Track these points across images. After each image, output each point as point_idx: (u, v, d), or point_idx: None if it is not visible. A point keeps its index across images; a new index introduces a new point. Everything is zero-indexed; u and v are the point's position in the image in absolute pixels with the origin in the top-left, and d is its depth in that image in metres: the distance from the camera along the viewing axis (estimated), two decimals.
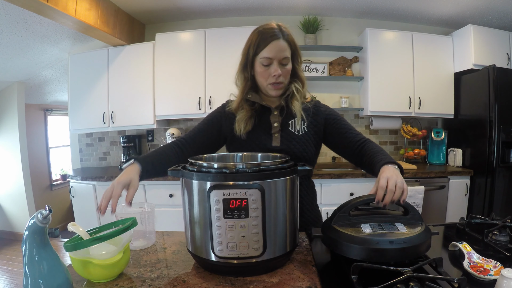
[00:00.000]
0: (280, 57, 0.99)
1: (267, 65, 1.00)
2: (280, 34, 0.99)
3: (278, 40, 0.98)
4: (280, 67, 1.00)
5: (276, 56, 0.99)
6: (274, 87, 1.03)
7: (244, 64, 1.05)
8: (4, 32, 2.51)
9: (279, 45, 0.98)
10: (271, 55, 0.98)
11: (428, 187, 2.54)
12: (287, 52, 1.00)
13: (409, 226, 0.78)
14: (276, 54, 0.98)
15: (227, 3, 2.82)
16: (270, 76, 1.00)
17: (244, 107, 1.07)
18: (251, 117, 1.07)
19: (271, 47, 0.98)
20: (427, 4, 2.74)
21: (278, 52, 0.98)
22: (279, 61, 1.00)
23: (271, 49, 0.98)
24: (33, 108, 4.29)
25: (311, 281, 0.73)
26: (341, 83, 3.15)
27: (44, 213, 0.65)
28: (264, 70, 1.01)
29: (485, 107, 2.55)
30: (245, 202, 0.71)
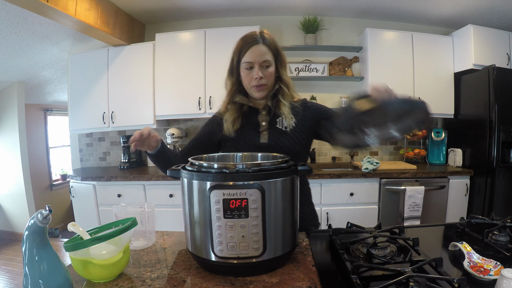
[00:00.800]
0: (260, 61, 1.05)
1: (249, 69, 1.06)
2: (260, 39, 1.05)
3: (258, 45, 1.05)
4: (261, 70, 1.05)
5: (256, 59, 1.04)
6: (257, 89, 1.08)
7: (230, 70, 1.12)
8: (4, 32, 2.51)
9: (259, 49, 1.04)
10: (252, 59, 1.04)
11: (428, 187, 2.54)
12: (267, 55, 1.06)
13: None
14: (256, 58, 1.04)
15: (227, 3, 2.82)
16: (253, 79, 1.06)
17: (230, 108, 1.14)
18: (238, 117, 1.13)
19: (251, 51, 1.04)
20: (427, 4, 2.74)
21: (258, 56, 1.04)
22: (260, 64, 1.05)
23: (251, 54, 1.04)
24: (33, 108, 4.29)
25: (311, 281, 0.73)
26: (341, 83, 3.15)
27: (44, 213, 0.65)
28: (247, 74, 1.07)
29: (485, 107, 2.55)
30: (245, 202, 0.71)
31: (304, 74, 3.09)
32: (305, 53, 3.13)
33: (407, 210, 2.52)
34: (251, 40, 1.05)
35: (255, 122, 1.12)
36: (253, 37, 1.05)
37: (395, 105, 0.80)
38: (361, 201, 2.58)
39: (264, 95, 1.10)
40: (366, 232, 0.95)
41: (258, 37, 1.05)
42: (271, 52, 1.07)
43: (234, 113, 1.12)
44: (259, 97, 1.10)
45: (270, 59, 1.06)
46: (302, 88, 3.16)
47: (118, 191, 2.65)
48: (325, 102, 3.15)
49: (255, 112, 1.14)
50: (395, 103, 0.79)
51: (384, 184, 2.56)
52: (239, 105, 1.14)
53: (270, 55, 1.06)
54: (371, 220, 2.58)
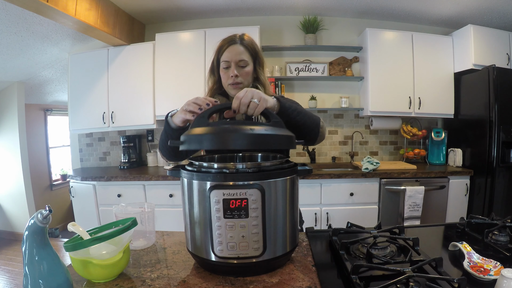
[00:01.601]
0: (236, 60, 1.09)
1: (226, 68, 1.11)
2: (238, 40, 1.11)
3: (235, 45, 1.10)
4: (238, 69, 1.10)
5: (233, 58, 1.09)
6: (233, 87, 1.11)
7: (211, 69, 1.17)
8: (4, 32, 2.52)
9: (235, 49, 1.09)
10: (229, 58, 1.09)
11: (428, 187, 2.54)
12: (244, 55, 1.10)
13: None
14: (233, 57, 1.09)
15: (227, 3, 2.82)
16: (229, 77, 1.10)
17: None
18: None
19: (228, 51, 1.10)
20: (427, 4, 2.74)
21: (235, 55, 1.09)
22: (236, 63, 1.09)
23: (229, 53, 1.10)
24: (33, 108, 4.29)
25: (311, 281, 0.73)
26: (341, 83, 3.16)
27: (44, 213, 0.65)
28: (225, 73, 1.12)
29: (485, 107, 2.55)
30: (245, 202, 0.71)
31: (304, 74, 3.09)
32: (305, 53, 3.13)
33: (407, 210, 2.52)
34: (229, 40, 1.11)
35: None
36: (231, 38, 1.11)
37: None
38: (361, 201, 2.58)
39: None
40: (366, 232, 0.95)
41: (236, 38, 1.11)
42: (248, 52, 1.11)
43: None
44: (235, 94, 1.09)
45: (246, 59, 1.10)
46: (302, 88, 3.17)
47: (118, 191, 2.65)
48: (325, 102, 3.15)
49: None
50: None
51: (384, 184, 2.56)
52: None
53: (247, 55, 1.11)
54: (371, 220, 2.58)
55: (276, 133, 0.76)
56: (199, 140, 0.73)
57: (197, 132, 0.74)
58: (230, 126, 0.73)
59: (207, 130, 0.73)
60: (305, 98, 3.09)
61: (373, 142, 3.24)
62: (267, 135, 0.74)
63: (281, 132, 0.77)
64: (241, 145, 0.71)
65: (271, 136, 0.74)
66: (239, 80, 1.10)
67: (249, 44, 1.12)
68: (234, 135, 0.71)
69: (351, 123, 3.22)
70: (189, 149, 0.79)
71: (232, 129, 0.72)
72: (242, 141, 0.71)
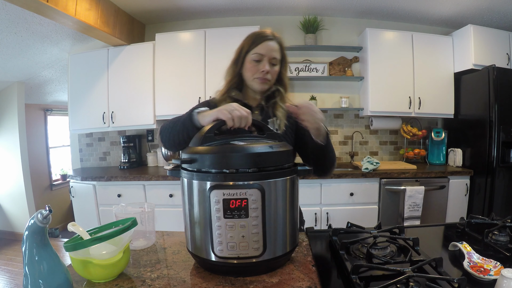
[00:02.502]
0: (270, 56, 1.07)
1: (257, 61, 1.07)
2: (273, 37, 1.09)
3: (272, 41, 1.08)
4: (269, 65, 1.07)
5: (267, 54, 1.07)
6: (260, 81, 1.08)
7: (236, 60, 1.13)
8: (4, 32, 2.52)
9: (272, 45, 1.07)
10: (263, 52, 1.06)
11: (428, 187, 2.54)
12: (277, 53, 1.09)
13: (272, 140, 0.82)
14: (268, 52, 1.07)
15: (227, 3, 2.82)
16: (259, 71, 1.07)
17: (227, 101, 1.11)
18: None
19: (264, 45, 1.07)
20: (427, 4, 2.74)
21: (270, 51, 1.07)
22: (269, 60, 1.07)
23: (264, 47, 1.07)
24: (33, 108, 4.29)
25: (311, 281, 0.73)
26: (341, 83, 3.15)
27: (44, 213, 0.65)
28: (254, 65, 1.08)
29: (485, 107, 2.55)
30: (245, 202, 0.71)
31: (304, 74, 3.09)
32: (305, 53, 3.13)
33: (407, 210, 2.52)
34: (266, 35, 1.08)
35: None
36: (268, 33, 1.09)
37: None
38: (361, 201, 2.58)
39: (265, 89, 1.11)
40: (366, 232, 0.95)
41: (271, 35, 1.08)
42: (280, 52, 1.10)
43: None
44: (260, 89, 1.10)
45: (278, 57, 1.09)
46: (302, 88, 3.16)
47: (118, 191, 2.65)
48: (325, 102, 3.15)
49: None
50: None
51: (384, 184, 2.56)
52: (234, 99, 1.12)
53: (279, 54, 1.09)
54: (371, 220, 2.58)
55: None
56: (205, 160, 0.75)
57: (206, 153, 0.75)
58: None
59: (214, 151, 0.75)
60: (305, 98, 3.08)
61: (373, 142, 3.24)
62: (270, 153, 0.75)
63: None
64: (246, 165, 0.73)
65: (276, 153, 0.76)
66: (268, 77, 1.08)
67: (282, 44, 1.12)
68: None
69: (351, 123, 3.22)
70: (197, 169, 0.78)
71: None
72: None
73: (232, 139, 0.80)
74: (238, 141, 0.79)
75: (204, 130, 0.82)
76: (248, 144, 0.76)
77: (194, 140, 0.83)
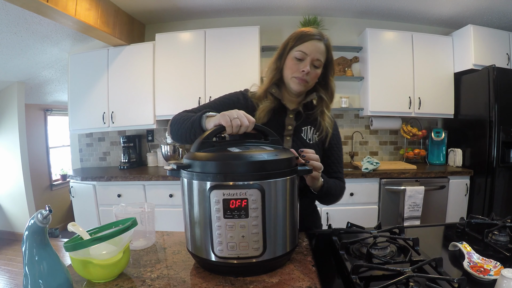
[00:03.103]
0: (314, 57, 1.00)
1: (299, 60, 1.01)
2: (323, 39, 1.02)
3: (319, 42, 1.01)
4: (310, 67, 1.01)
5: (312, 53, 1.00)
6: (298, 81, 1.02)
7: (280, 55, 1.06)
8: (4, 32, 2.52)
9: (318, 45, 1.01)
10: (308, 51, 1.00)
11: (428, 187, 2.54)
12: (322, 55, 1.02)
13: (273, 147, 0.82)
14: (312, 52, 1.00)
15: (227, 3, 2.82)
16: (299, 70, 1.01)
17: (269, 97, 1.07)
18: (270, 110, 1.07)
19: (309, 44, 1.00)
20: (427, 4, 2.74)
21: (314, 51, 1.00)
22: (312, 60, 1.00)
23: (310, 46, 1.00)
24: (33, 108, 4.29)
25: (311, 281, 0.73)
26: (341, 83, 3.15)
27: (44, 213, 0.65)
28: (295, 63, 1.02)
29: (485, 107, 2.55)
30: (245, 202, 0.71)
31: None
32: None
33: (407, 210, 2.52)
34: (315, 34, 1.01)
35: (280, 123, 1.07)
36: (316, 32, 1.02)
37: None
38: (361, 201, 2.58)
39: (301, 91, 1.05)
40: (366, 232, 0.95)
41: (321, 36, 1.02)
42: (325, 55, 1.03)
43: (272, 104, 1.06)
44: (296, 89, 1.04)
45: (322, 60, 1.02)
46: None
47: (118, 191, 2.65)
48: None
49: (283, 112, 1.08)
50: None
51: (384, 184, 2.56)
52: (274, 97, 1.08)
53: (324, 57, 1.03)
54: (371, 220, 2.58)
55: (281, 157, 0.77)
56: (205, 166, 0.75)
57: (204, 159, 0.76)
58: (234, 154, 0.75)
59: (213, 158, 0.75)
60: None
61: (373, 142, 3.24)
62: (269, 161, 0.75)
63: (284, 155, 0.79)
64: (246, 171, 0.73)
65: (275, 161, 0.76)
66: (307, 78, 1.01)
67: (329, 48, 1.04)
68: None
69: (351, 123, 3.22)
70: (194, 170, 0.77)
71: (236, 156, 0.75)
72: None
73: (228, 145, 0.80)
74: (234, 148, 0.79)
75: (203, 136, 0.82)
76: (244, 152, 0.75)
77: (194, 144, 0.83)
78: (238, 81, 2.71)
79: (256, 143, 0.86)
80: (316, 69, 1.02)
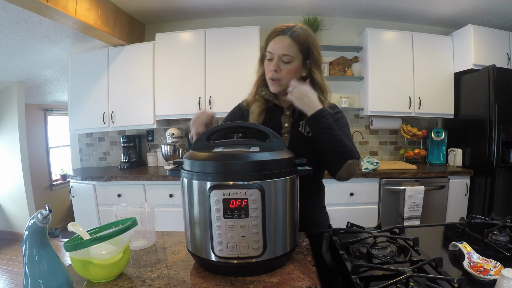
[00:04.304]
0: (279, 53, 0.97)
1: (270, 60, 1.00)
2: (288, 32, 0.97)
3: (282, 36, 0.98)
4: (280, 63, 0.98)
5: (276, 51, 0.98)
6: (271, 82, 1.02)
7: (260, 58, 1.07)
8: (4, 32, 2.51)
9: (281, 41, 0.97)
10: (272, 49, 0.99)
11: (428, 187, 2.54)
12: (289, 50, 0.97)
13: (265, 148, 0.78)
14: (276, 49, 0.98)
15: (227, 3, 2.82)
16: (269, 70, 1.01)
17: (258, 100, 1.08)
18: (263, 111, 1.08)
19: (273, 42, 0.99)
20: (427, 4, 2.74)
21: (278, 48, 0.97)
22: (279, 57, 0.98)
23: (273, 44, 0.99)
24: (33, 108, 4.29)
25: (311, 281, 0.73)
26: (341, 83, 3.15)
27: (44, 213, 0.65)
28: (267, 64, 1.02)
29: (485, 107, 2.55)
30: (245, 202, 0.71)
31: None
32: None
33: (407, 210, 2.52)
34: (278, 30, 0.99)
35: (277, 122, 1.07)
36: (281, 28, 0.99)
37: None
38: (361, 201, 2.58)
39: (278, 90, 1.03)
40: (366, 232, 0.95)
41: (285, 29, 0.98)
42: (296, 47, 0.97)
43: (262, 105, 1.07)
44: (273, 91, 1.04)
45: (292, 54, 0.97)
46: None
47: (118, 191, 2.65)
48: None
49: (279, 111, 1.08)
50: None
51: (384, 184, 2.56)
52: (266, 100, 1.08)
53: (295, 50, 0.97)
54: (371, 220, 2.58)
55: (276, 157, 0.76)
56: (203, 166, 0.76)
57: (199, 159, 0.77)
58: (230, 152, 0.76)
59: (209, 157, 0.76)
60: None
61: (373, 142, 3.24)
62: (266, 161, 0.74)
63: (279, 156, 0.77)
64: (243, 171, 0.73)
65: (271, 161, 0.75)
66: (278, 76, 0.99)
67: (300, 37, 0.97)
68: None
69: (351, 123, 3.22)
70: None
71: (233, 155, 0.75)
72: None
73: (218, 145, 0.82)
74: (220, 147, 0.80)
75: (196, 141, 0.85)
76: (244, 151, 0.75)
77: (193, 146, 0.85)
78: (238, 81, 2.71)
79: (246, 142, 0.85)
80: (287, 64, 0.98)
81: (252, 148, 0.77)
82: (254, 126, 0.86)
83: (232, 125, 0.91)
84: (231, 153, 0.75)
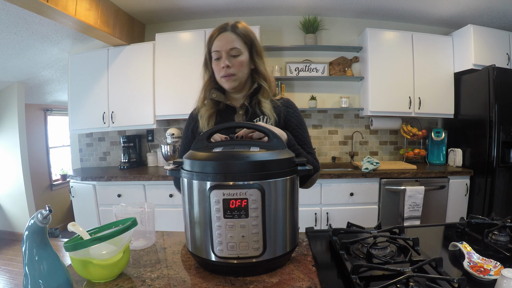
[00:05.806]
0: (227, 49, 0.99)
1: (217, 59, 1.02)
2: (229, 28, 1.01)
3: (224, 33, 1.00)
4: (230, 58, 1.00)
5: (223, 47, 0.99)
6: (225, 79, 1.02)
7: (205, 63, 1.08)
8: (4, 32, 2.51)
9: (225, 37, 1.00)
10: (219, 47, 1.00)
11: (428, 187, 2.54)
12: (235, 43, 1.00)
13: (265, 148, 0.78)
14: (223, 45, 0.99)
15: (227, 3, 2.82)
16: (221, 69, 1.01)
17: (207, 103, 1.09)
18: (214, 113, 1.07)
19: (217, 40, 1.01)
20: (427, 4, 2.74)
21: (225, 44, 0.99)
22: (227, 53, 0.99)
23: (217, 42, 1.00)
24: (33, 108, 4.29)
25: (311, 281, 0.73)
26: (341, 83, 3.16)
27: (44, 213, 0.65)
28: (216, 64, 1.02)
29: (485, 107, 2.55)
30: (245, 202, 0.71)
31: (304, 74, 3.09)
32: (305, 53, 3.13)
33: (407, 210, 2.52)
34: (219, 28, 1.01)
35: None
36: (222, 26, 1.01)
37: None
38: (361, 201, 2.58)
39: (234, 86, 1.03)
40: (366, 232, 0.95)
41: (226, 26, 1.01)
42: (241, 40, 1.01)
43: (210, 109, 1.07)
44: (228, 87, 1.04)
45: (239, 47, 1.00)
46: (302, 88, 3.17)
47: (118, 191, 2.65)
48: (325, 102, 3.15)
49: (232, 111, 1.08)
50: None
51: (384, 184, 2.56)
52: (216, 101, 1.08)
53: (240, 43, 1.01)
54: (371, 220, 2.58)
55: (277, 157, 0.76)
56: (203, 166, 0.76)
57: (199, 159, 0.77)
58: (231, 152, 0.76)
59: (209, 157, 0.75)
60: (305, 98, 3.09)
61: (373, 142, 3.24)
62: (268, 161, 0.74)
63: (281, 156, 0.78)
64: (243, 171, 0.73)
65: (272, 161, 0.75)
66: (231, 71, 1.00)
67: (242, 31, 1.01)
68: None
69: (351, 123, 3.22)
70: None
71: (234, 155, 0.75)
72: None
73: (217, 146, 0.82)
74: (218, 147, 0.80)
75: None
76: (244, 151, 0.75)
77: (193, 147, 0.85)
78: None
79: (246, 143, 0.85)
80: (236, 57, 1.00)
81: (252, 148, 0.77)
82: (254, 127, 0.86)
83: (233, 125, 0.91)
84: (231, 153, 0.75)
